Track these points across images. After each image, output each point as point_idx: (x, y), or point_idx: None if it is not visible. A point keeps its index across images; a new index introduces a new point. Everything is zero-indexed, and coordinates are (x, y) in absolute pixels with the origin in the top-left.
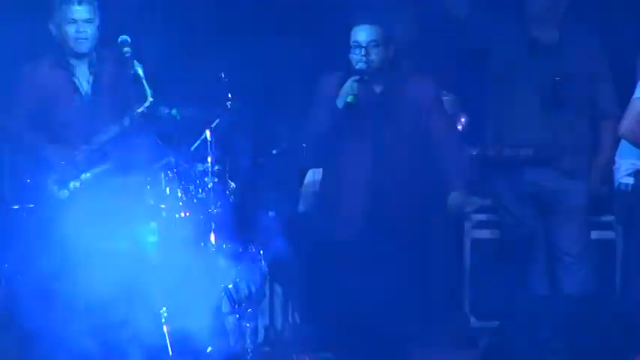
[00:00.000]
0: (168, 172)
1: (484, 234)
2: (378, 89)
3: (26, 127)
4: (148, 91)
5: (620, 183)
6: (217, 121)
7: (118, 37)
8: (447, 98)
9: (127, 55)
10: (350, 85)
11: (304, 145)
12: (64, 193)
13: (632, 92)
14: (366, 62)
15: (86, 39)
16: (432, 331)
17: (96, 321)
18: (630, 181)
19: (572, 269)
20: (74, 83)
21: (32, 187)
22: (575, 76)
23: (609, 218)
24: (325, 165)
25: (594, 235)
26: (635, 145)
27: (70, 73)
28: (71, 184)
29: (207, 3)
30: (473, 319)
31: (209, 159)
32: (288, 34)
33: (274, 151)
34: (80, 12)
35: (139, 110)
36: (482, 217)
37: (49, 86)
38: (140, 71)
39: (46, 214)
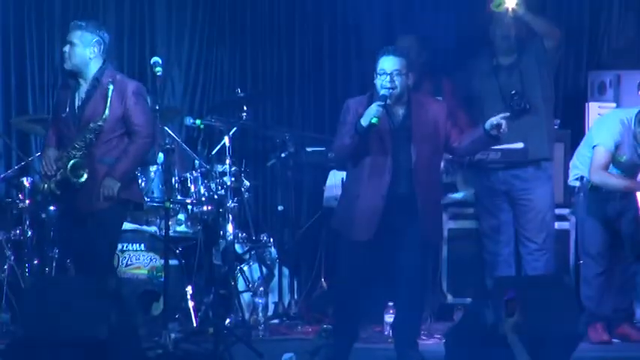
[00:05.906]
0: (193, 172)
1: (459, 224)
2: (399, 112)
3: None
4: (106, 112)
5: (570, 186)
6: (234, 129)
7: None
8: None
9: (158, 74)
10: (375, 108)
11: (330, 155)
12: (47, 189)
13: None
14: (389, 88)
15: (66, 58)
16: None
17: None
18: (577, 184)
19: (536, 255)
20: (74, 99)
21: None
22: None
23: (565, 211)
24: (348, 175)
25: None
26: (609, 189)
27: (74, 90)
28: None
29: (227, 24)
30: (449, 296)
31: (227, 161)
32: (297, 53)
33: (282, 155)
34: (69, 36)
35: (91, 126)
36: (457, 210)
37: (63, 97)
38: (109, 92)
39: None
